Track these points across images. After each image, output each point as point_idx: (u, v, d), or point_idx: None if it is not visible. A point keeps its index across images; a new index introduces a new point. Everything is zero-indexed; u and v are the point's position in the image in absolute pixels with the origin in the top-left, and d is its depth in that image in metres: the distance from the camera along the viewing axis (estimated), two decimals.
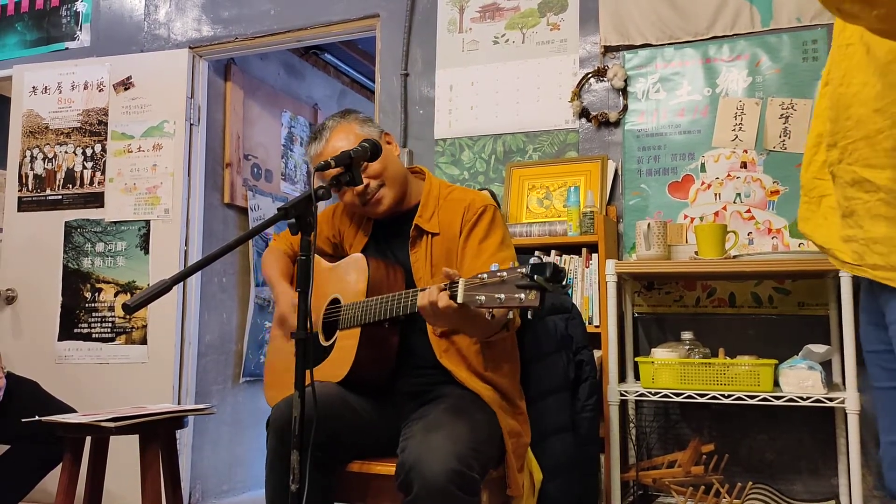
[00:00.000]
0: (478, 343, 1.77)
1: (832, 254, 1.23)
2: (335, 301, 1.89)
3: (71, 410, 2.57)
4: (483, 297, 1.38)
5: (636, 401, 2.56)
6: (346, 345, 1.79)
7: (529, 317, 1.37)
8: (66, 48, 3.84)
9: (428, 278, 1.81)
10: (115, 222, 3.49)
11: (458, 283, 1.44)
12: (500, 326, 1.63)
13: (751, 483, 2.38)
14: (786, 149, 2.60)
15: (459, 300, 1.43)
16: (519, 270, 1.34)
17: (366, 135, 1.87)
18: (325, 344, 1.87)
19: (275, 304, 2.02)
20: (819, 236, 1.27)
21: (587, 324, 2.48)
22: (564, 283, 1.35)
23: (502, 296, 1.36)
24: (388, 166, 1.87)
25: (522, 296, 1.33)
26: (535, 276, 1.31)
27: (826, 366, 2.32)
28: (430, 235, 1.85)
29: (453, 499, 1.47)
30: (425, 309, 1.51)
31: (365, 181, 1.83)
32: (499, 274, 1.38)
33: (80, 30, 3.83)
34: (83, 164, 3.59)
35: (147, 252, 3.43)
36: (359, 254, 1.89)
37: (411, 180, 1.96)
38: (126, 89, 3.55)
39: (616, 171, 2.80)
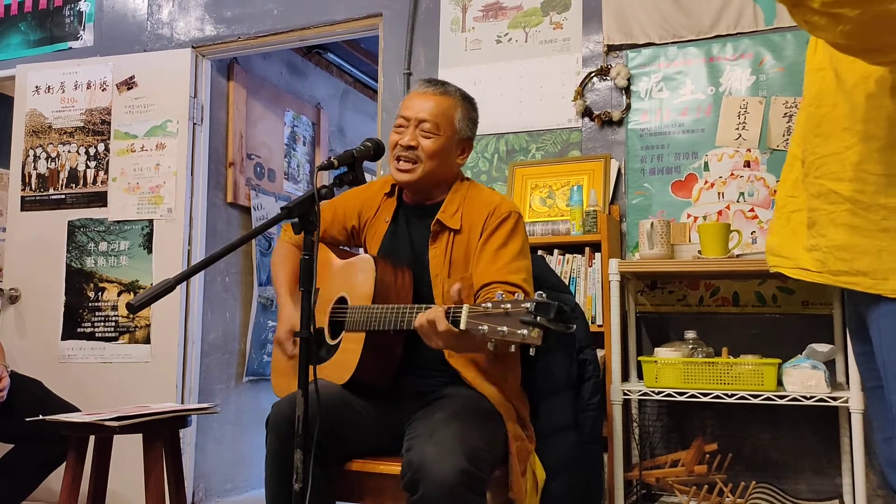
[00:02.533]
0: None
1: (797, 263, 1.31)
2: (342, 300, 1.89)
3: (74, 409, 2.58)
4: (486, 328, 1.38)
5: (639, 400, 2.56)
6: (350, 348, 1.79)
7: (532, 353, 1.37)
8: (70, 48, 3.85)
9: (445, 276, 1.80)
10: (119, 221, 3.49)
11: (461, 308, 1.44)
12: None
13: (754, 482, 2.38)
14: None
15: (462, 327, 1.43)
16: (523, 305, 1.35)
17: (457, 127, 1.87)
18: (330, 343, 1.87)
19: (277, 320, 1.99)
20: (785, 249, 1.35)
21: (590, 323, 2.48)
22: (568, 324, 1.35)
23: (505, 329, 1.36)
24: (442, 157, 1.85)
25: (525, 332, 1.33)
26: (538, 318, 1.32)
27: (830, 365, 2.31)
28: (451, 232, 1.83)
29: (460, 498, 1.47)
30: (423, 328, 1.51)
31: (416, 143, 1.83)
32: (503, 305, 1.38)
33: (84, 29, 3.84)
34: (86, 164, 3.59)
35: (150, 251, 3.43)
36: (367, 255, 1.88)
37: (446, 183, 1.92)
38: (129, 89, 3.56)
39: (619, 170, 2.80)
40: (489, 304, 1.40)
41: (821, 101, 1.25)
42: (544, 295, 1.37)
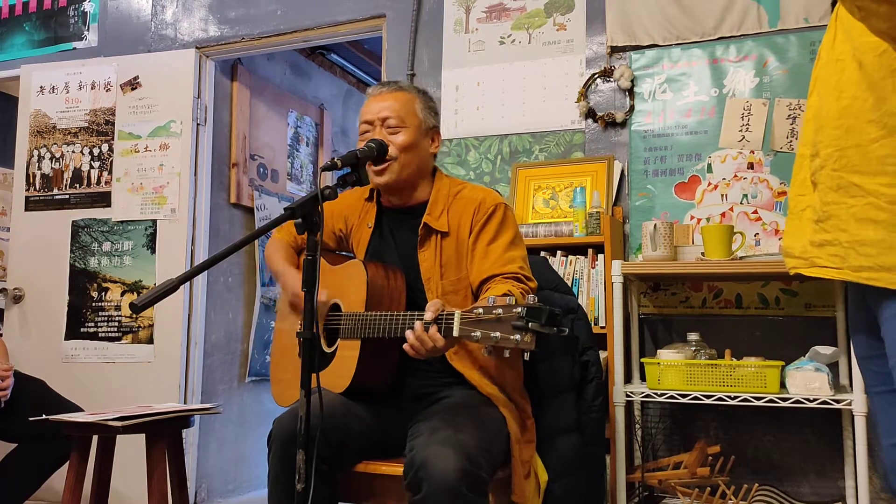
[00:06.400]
0: None
1: (811, 262, 1.27)
2: (336, 307, 1.88)
3: (78, 409, 2.59)
4: (478, 334, 1.39)
5: (642, 402, 2.56)
6: (347, 355, 1.78)
7: (526, 358, 1.38)
8: (74, 48, 3.86)
9: (437, 279, 1.80)
10: (122, 222, 3.50)
11: (453, 315, 1.45)
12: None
13: (757, 485, 2.37)
14: (793, 149, 2.59)
15: (455, 334, 1.44)
16: (515, 310, 1.35)
17: (421, 117, 1.87)
18: (327, 350, 1.87)
19: (282, 290, 1.97)
20: (797, 247, 1.31)
21: (593, 324, 2.48)
22: (560, 327, 1.35)
23: (498, 334, 1.37)
24: (414, 149, 1.85)
25: (518, 337, 1.34)
26: (530, 323, 1.32)
27: (833, 367, 2.31)
28: (439, 235, 1.83)
29: (462, 498, 1.47)
30: (415, 346, 1.52)
31: (388, 141, 1.82)
32: (495, 310, 1.38)
33: (88, 30, 3.85)
34: (90, 164, 3.60)
35: (153, 251, 3.44)
36: (358, 260, 1.88)
37: (426, 178, 1.92)
38: (133, 89, 3.57)
39: (622, 171, 2.79)
40: (480, 310, 1.41)
41: (840, 93, 1.21)
42: (536, 298, 1.37)
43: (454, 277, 1.80)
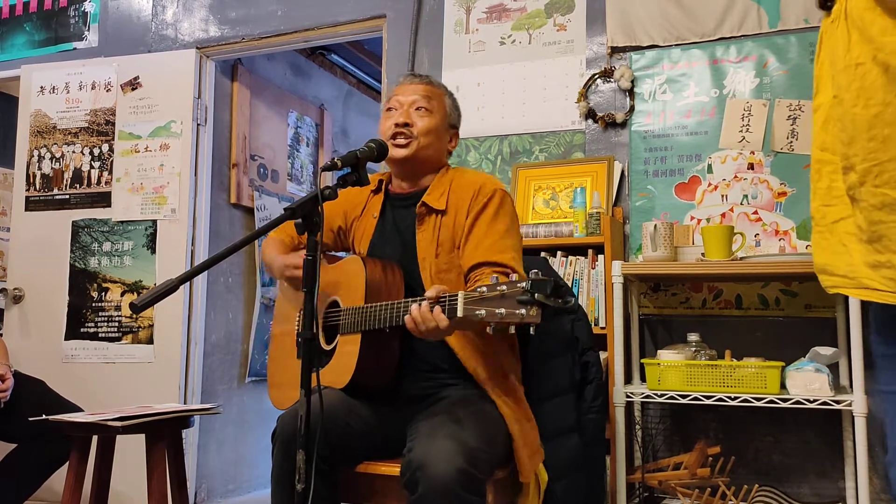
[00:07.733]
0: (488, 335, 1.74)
1: (860, 283, 1.18)
2: (334, 304, 1.88)
3: (77, 409, 2.59)
4: (483, 312, 1.38)
5: (642, 402, 2.55)
6: (347, 350, 1.78)
7: (532, 332, 1.37)
8: (74, 48, 3.86)
9: (432, 259, 1.80)
10: (122, 222, 3.50)
11: (457, 296, 1.44)
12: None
13: (757, 486, 2.37)
14: (793, 150, 2.59)
15: (459, 314, 1.43)
16: (519, 285, 1.34)
17: (447, 113, 1.94)
18: (326, 348, 1.86)
19: (279, 273, 1.96)
20: (840, 265, 1.22)
21: (593, 325, 2.48)
22: (565, 299, 1.35)
23: (503, 311, 1.35)
24: (436, 134, 1.89)
25: (523, 311, 1.33)
26: (536, 294, 1.31)
27: (833, 368, 2.31)
28: (437, 214, 1.84)
29: (459, 499, 1.47)
30: (416, 319, 1.51)
31: (410, 120, 1.86)
32: (499, 287, 1.37)
33: (88, 30, 3.85)
34: (90, 164, 3.60)
35: (154, 252, 3.44)
36: (355, 255, 1.88)
37: (437, 170, 1.94)
38: (133, 89, 3.57)
39: (622, 172, 2.79)
40: (484, 288, 1.40)
41: (868, 100, 1.10)
42: (539, 273, 1.36)
43: (448, 256, 1.81)
